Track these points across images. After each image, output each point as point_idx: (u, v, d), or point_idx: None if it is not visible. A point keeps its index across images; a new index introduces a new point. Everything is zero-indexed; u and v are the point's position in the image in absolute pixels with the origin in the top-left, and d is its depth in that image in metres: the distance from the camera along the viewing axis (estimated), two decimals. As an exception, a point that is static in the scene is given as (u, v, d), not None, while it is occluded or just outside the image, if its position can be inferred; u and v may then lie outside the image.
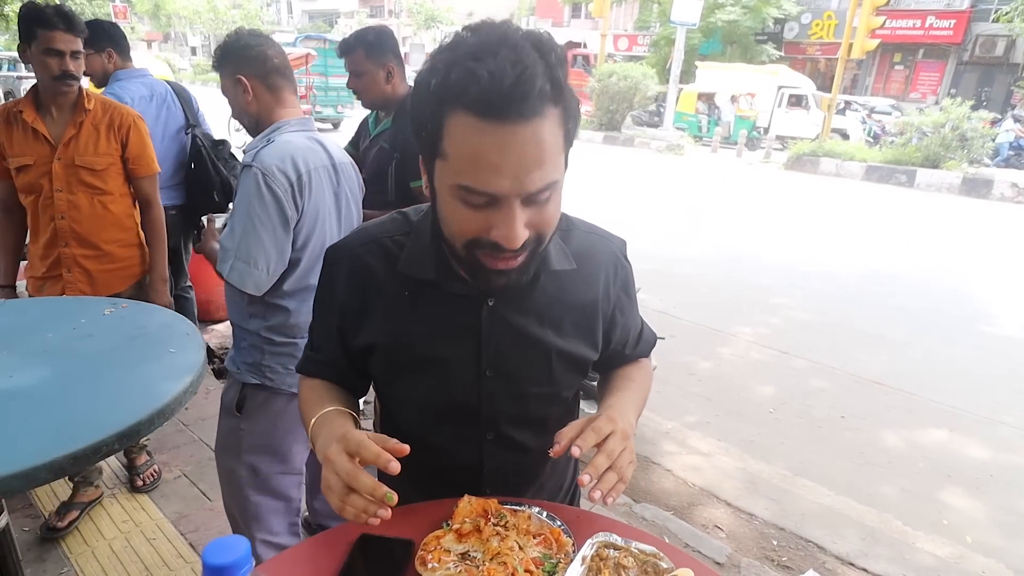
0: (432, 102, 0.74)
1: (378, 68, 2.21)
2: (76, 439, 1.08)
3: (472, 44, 0.72)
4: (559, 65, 0.73)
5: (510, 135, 0.71)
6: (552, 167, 0.75)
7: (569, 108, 0.76)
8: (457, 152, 0.74)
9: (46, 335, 1.49)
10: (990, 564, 2.52)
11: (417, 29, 34.83)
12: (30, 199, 2.09)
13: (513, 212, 0.75)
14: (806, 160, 13.74)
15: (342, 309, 0.98)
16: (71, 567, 2.08)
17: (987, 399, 3.93)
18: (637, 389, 1.07)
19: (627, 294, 1.07)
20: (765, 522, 2.67)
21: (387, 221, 0.99)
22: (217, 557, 0.53)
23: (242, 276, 1.50)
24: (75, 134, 2.06)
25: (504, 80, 0.69)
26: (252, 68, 1.60)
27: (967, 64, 22.26)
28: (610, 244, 1.04)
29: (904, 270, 6.73)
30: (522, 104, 0.70)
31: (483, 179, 0.73)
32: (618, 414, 0.89)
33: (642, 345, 1.14)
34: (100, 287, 2.20)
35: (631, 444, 0.85)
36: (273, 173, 1.49)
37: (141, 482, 2.49)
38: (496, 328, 0.94)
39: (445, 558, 0.83)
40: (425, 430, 1.01)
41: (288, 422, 1.72)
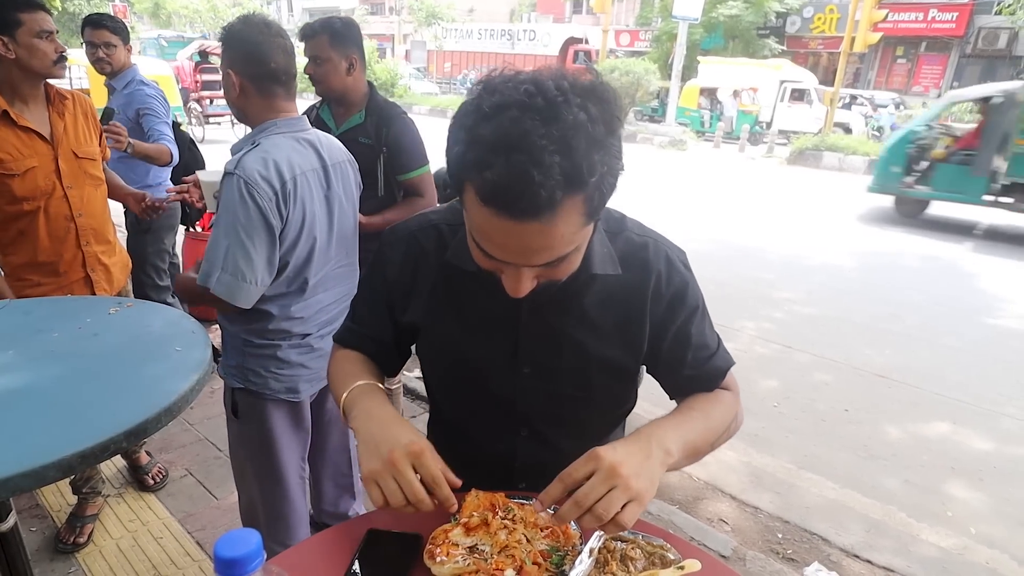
0: (455, 165, 0.74)
1: (341, 57, 2.15)
2: (84, 437, 1.08)
3: (492, 132, 0.68)
4: (594, 148, 0.69)
5: (513, 228, 0.71)
6: (563, 247, 0.75)
7: (596, 189, 0.71)
8: (471, 215, 0.76)
9: (52, 334, 1.50)
10: (994, 555, 2.52)
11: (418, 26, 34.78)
12: (35, 204, 1.90)
13: (519, 275, 0.78)
14: (808, 154, 13.70)
15: (393, 286, 1.01)
16: (79, 566, 2.10)
17: (990, 391, 3.92)
18: (696, 418, 0.95)
19: (682, 304, 0.98)
20: (770, 515, 2.67)
21: (448, 208, 1.02)
22: (229, 550, 0.53)
23: (230, 289, 1.45)
24: (64, 126, 1.95)
25: (509, 190, 0.67)
26: (245, 67, 1.51)
27: (969, 57, 22.15)
28: (665, 250, 0.98)
29: (908, 263, 6.71)
30: (525, 212, 0.69)
31: (490, 248, 0.76)
32: (616, 449, 0.80)
33: (708, 368, 1.01)
34: (115, 283, 2.17)
35: (624, 481, 0.76)
36: (256, 181, 1.42)
37: (151, 480, 2.50)
38: (534, 326, 0.95)
39: (453, 551, 0.83)
40: (462, 419, 1.05)
41: (279, 425, 1.70)
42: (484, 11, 36.28)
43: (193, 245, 3.94)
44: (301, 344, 1.67)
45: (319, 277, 1.65)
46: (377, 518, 0.95)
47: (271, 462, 1.72)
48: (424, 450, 0.82)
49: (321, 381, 1.78)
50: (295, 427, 1.76)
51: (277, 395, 1.66)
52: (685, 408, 0.98)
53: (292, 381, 1.67)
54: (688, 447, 0.88)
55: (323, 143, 1.64)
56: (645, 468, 0.79)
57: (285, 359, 1.63)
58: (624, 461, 0.77)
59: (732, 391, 1.04)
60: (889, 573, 2.40)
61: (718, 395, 1.02)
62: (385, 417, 0.88)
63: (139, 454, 2.52)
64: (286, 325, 1.60)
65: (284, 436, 1.72)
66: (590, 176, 0.69)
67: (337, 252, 1.70)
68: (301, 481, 1.82)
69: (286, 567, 0.84)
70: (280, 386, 1.65)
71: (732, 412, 1.01)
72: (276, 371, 1.64)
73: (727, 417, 1.00)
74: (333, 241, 1.66)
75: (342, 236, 1.71)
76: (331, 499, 2.05)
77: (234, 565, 0.53)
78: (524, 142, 0.66)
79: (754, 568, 2.33)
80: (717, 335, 1.05)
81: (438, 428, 1.16)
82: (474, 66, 30.76)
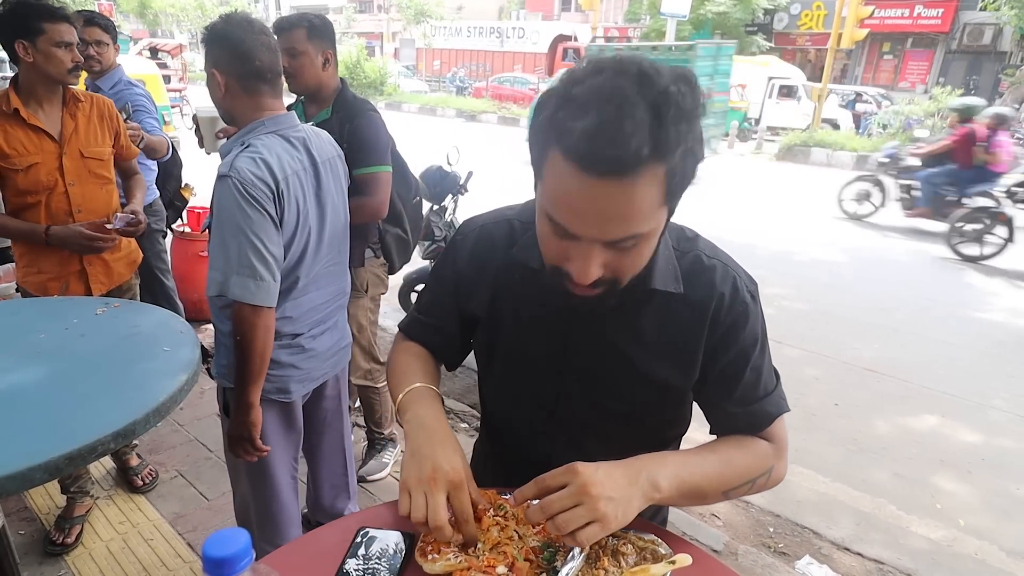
0: (541, 131, 0.75)
1: (317, 51, 2.12)
2: (71, 439, 1.07)
3: (587, 89, 0.70)
4: (679, 121, 0.69)
5: (597, 188, 0.70)
6: (640, 222, 0.74)
7: (678, 166, 0.72)
8: (550, 185, 0.75)
9: (39, 336, 1.49)
10: (983, 546, 2.55)
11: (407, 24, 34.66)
12: (38, 198, 2.00)
13: (590, 253, 0.76)
14: (797, 150, 13.77)
15: (461, 275, 1.02)
16: (68, 569, 2.08)
17: (978, 384, 3.97)
18: (712, 460, 0.91)
19: (740, 335, 0.92)
20: (761, 509, 2.69)
21: (523, 205, 1.03)
22: (217, 549, 0.53)
23: (247, 289, 1.41)
24: (75, 127, 2.06)
25: (597, 139, 0.68)
26: (229, 66, 1.48)
27: (955, 53, 22.34)
28: (733, 276, 0.93)
29: (896, 258, 6.77)
30: (615, 164, 0.68)
31: (565, 217, 0.75)
32: (598, 468, 0.79)
33: (755, 410, 0.95)
34: (115, 277, 2.24)
35: (594, 502, 0.76)
36: (252, 182, 1.41)
37: (140, 482, 2.49)
38: (586, 332, 0.94)
39: (445, 549, 0.83)
40: (506, 417, 1.05)
41: (270, 426, 1.68)
42: (473, 9, 36.19)
43: (182, 245, 3.92)
44: (292, 344, 1.65)
45: (311, 276, 1.63)
46: (369, 516, 0.95)
47: (262, 462, 1.70)
48: (463, 483, 0.82)
49: (313, 382, 1.77)
50: (286, 428, 1.75)
51: (268, 395, 1.64)
52: (706, 448, 0.94)
53: (282, 382, 1.66)
54: (686, 487, 0.86)
55: (313, 140, 1.62)
56: (622, 494, 0.79)
57: (276, 359, 1.61)
58: (599, 482, 0.77)
59: (775, 444, 0.97)
60: (879, 565, 2.42)
61: (752, 443, 0.96)
62: (435, 430, 0.88)
63: (129, 456, 2.51)
64: (276, 325, 1.58)
65: (275, 436, 1.71)
66: (676, 146, 0.70)
67: (328, 250, 1.68)
68: (293, 481, 1.81)
69: (278, 566, 0.83)
70: (271, 386, 1.64)
71: (763, 465, 0.94)
72: (267, 371, 1.62)
73: (754, 469, 0.93)
74: (325, 239, 1.65)
75: (333, 234, 1.69)
76: (327, 499, 2.04)
77: (222, 564, 0.53)
78: (617, 96, 0.68)
79: (746, 562, 2.34)
80: (776, 378, 0.99)
81: (485, 426, 1.17)
82: (463, 64, 30.70)
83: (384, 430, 2.72)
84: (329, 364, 1.81)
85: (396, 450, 2.76)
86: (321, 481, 2.02)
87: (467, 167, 3.52)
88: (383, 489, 2.62)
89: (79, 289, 2.13)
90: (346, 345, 1.90)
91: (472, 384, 3.56)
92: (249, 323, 1.45)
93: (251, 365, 1.48)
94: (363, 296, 2.43)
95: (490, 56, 30.39)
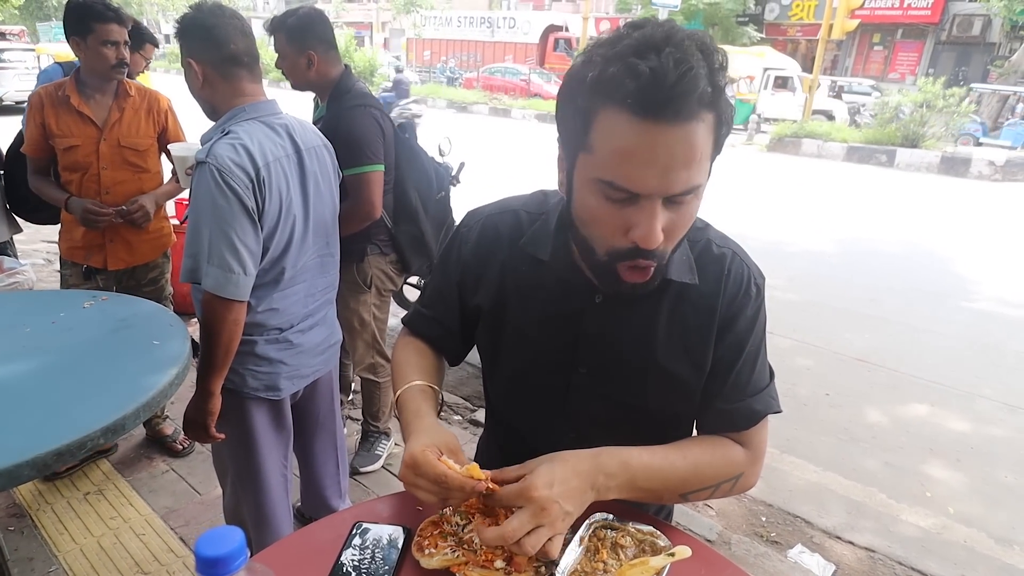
0: (585, 94, 0.72)
1: (298, 54, 2.12)
2: (59, 435, 1.06)
3: (635, 39, 0.69)
4: (721, 70, 0.71)
5: (663, 135, 0.69)
6: (698, 171, 0.73)
7: (724, 115, 0.73)
8: (604, 147, 0.73)
9: (24, 329, 1.46)
10: (972, 533, 2.58)
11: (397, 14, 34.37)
12: (75, 176, 2.26)
13: (654, 211, 0.73)
14: (788, 141, 13.82)
15: (466, 267, 1.00)
16: (59, 565, 2.06)
17: (967, 373, 4.00)
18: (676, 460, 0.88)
19: (739, 320, 0.91)
20: (753, 499, 2.70)
21: (529, 196, 1.01)
22: (210, 549, 0.52)
23: (218, 282, 1.38)
24: (119, 117, 2.28)
25: (667, 78, 0.67)
26: (205, 54, 1.46)
27: (945, 44, 22.43)
28: (742, 267, 0.92)
29: (886, 248, 6.81)
30: (681, 105, 0.68)
31: (628, 175, 0.72)
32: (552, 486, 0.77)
33: (741, 407, 0.92)
34: (138, 256, 2.46)
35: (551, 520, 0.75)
36: (230, 169, 1.37)
37: (180, 447, 2.67)
38: (597, 325, 0.92)
39: (442, 544, 0.82)
40: (513, 411, 1.03)
41: (259, 424, 1.66)
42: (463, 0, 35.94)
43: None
44: (279, 340, 1.61)
45: (297, 267, 1.60)
46: (364, 511, 0.94)
47: (251, 461, 1.68)
48: (415, 456, 0.79)
49: (303, 379, 1.73)
50: (276, 426, 1.71)
51: (256, 393, 1.61)
52: (674, 447, 0.91)
53: (271, 379, 1.63)
54: (637, 491, 0.86)
55: (296, 128, 1.58)
56: (578, 503, 0.79)
57: (263, 355, 1.59)
58: (556, 500, 0.76)
59: (752, 450, 0.93)
60: (871, 553, 2.44)
61: (724, 448, 0.92)
62: (412, 431, 0.88)
63: (162, 425, 2.69)
64: (262, 318, 1.55)
65: (264, 435, 1.68)
66: (722, 93, 0.71)
67: (315, 241, 1.64)
68: (283, 479, 1.77)
69: (272, 562, 0.82)
70: (258, 384, 1.61)
71: (731, 472, 0.91)
72: (254, 368, 1.59)
73: (720, 475, 0.91)
74: (311, 229, 1.61)
75: (320, 224, 1.65)
76: (320, 498, 2.02)
77: (216, 564, 0.51)
78: (673, 39, 0.68)
79: (739, 551, 2.36)
80: (769, 377, 0.96)
81: (490, 420, 1.15)
82: (453, 54, 30.50)
83: (380, 423, 2.71)
84: (320, 361, 1.77)
85: (390, 443, 2.75)
86: (313, 481, 2.00)
87: (459, 158, 3.49)
88: (376, 482, 2.61)
89: (98, 262, 2.38)
90: (336, 342, 1.86)
91: (466, 376, 3.55)
92: (218, 315, 1.42)
93: (215, 356, 1.46)
94: (367, 292, 2.40)
95: (480, 46, 30.22)
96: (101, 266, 2.38)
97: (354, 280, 2.36)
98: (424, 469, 0.78)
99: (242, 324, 1.47)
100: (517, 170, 9.34)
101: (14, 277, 2.78)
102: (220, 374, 1.49)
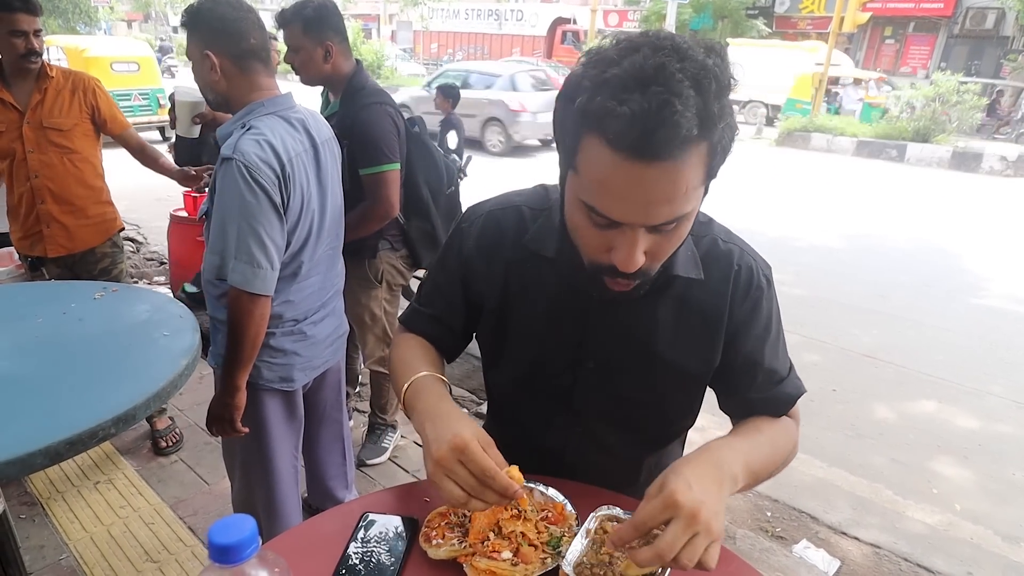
0: (573, 118, 0.71)
1: (315, 45, 2.06)
2: (71, 424, 1.07)
3: (625, 70, 0.66)
4: (719, 96, 0.67)
5: (642, 172, 0.67)
6: (683, 203, 0.71)
7: (719, 142, 0.70)
8: (588, 173, 0.72)
9: (36, 320, 1.48)
10: (978, 531, 2.57)
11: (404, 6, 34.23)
12: (5, 163, 2.27)
13: (635, 239, 0.73)
14: (797, 136, 13.70)
15: (469, 262, 0.98)
16: (70, 553, 2.09)
17: (975, 370, 3.98)
18: (763, 443, 0.91)
19: (756, 322, 0.93)
20: (759, 494, 2.70)
21: (531, 191, 1.00)
22: (224, 536, 0.52)
23: (245, 277, 1.40)
24: (40, 99, 2.25)
25: (647, 123, 0.64)
26: (224, 46, 1.45)
27: (957, 37, 22.17)
28: (749, 261, 0.93)
29: (894, 244, 6.76)
30: (660, 149, 0.66)
31: (608, 206, 0.72)
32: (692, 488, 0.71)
33: (776, 393, 0.97)
34: (78, 242, 2.42)
35: (705, 526, 0.69)
36: (258, 166, 1.38)
37: (165, 443, 2.62)
38: (604, 321, 0.92)
39: (449, 535, 0.83)
40: (517, 406, 1.02)
41: (273, 416, 1.67)
42: (470, -10, 35.76)
43: (179, 229, 3.89)
44: (294, 331, 1.63)
45: (313, 261, 1.61)
46: (372, 502, 0.94)
47: (263, 453, 1.69)
48: (468, 443, 0.75)
49: (314, 370, 1.75)
50: (288, 417, 1.73)
51: (271, 385, 1.62)
52: (753, 431, 0.93)
53: (286, 370, 1.64)
54: (751, 476, 0.85)
55: (311, 121, 1.59)
56: (720, 504, 0.75)
57: (279, 347, 1.60)
58: (703, 503, 0.70)
59: (794, 419, 1.00)
60: (876, 549, 2.44)
61: (782, 422, 0.97)
62: (439, 413, 0.82)
63: (158, 418, 2.66)
64: (279, 310, 1.57)
65: (277, 427, 1.69)
66: (718, 121, 0.68)
67: (328, 235, 1.66)
68: (293, 470, 1.79)
69: (281, 551, 0.83)
70: (273, 375, 1.62)
71: (792, 442, 0.98)
72: (269, 360, 1.60)
73: (788, 447, 0.96)
74: (326, 223, 1.63)
75: (333, 218, 1.67)
76: (325, 488, 2.04)
77: (229, 552, 0.52)
78: (661, 75, 0.64)
79: (744, 546, 2.36)
80: (789, 360, 1.00)
81: (492, 415, 1.14)
82: (460, 46, 30.37)
83: (387, 415, 2.72)
84: (329, 352, 1.79)
85: (396, 435, 2.77)
86: (318, 471, 2.01)
87: (465, 152, 3.49)
88: (382, 473, 2.63)
89: (40, 250, 2.38)
90: (344, 333, 1.87)
91: (472, 369, 3.56)
92: (245, 310, 1.43)
93: (242, 351, 1.47)
94: (377, 287, 2.40)
95: (488, 39, 30.08)
96: (43, 254, 2.38)
97: (365, 276, 2.36)
98: (472, 457, 0.74)
99: (267, 318, 1.48)
100: (521, 163, 9.32)
101: (24, 268, 2.81)
102: (246, 369, 1.51)
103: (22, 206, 2.33)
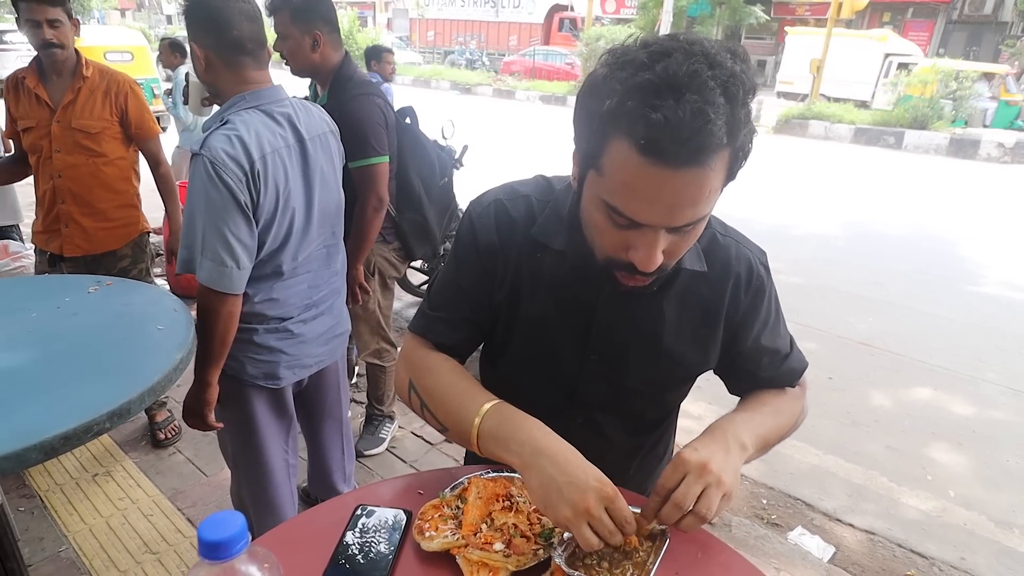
0: (600, 119, 0.71)
1: (303, 34, 2.01)
2: (66, 419, 1.07)
3: (658, 75, 0.66)
4: (744, 102, 0.69)
5: (670, 178, 0.68)
6: (705, 205, 0.73)
7: (741, 148, 0.72)
8: (613, 175, 0.72)
9: (30, 314, 1.47)
10: (972, 516, 2.59)
11: (399, -6, 33.94)
12: (34, 159, 2.27)
13: (655, 240, 0.74)
14: (795, 123, 13.67)
15: (490, 250, 0.96)
16: (69, 545, 2.10)
17: (970, 357, 4.00)
18: (767, 413, 0.96)
19: (758, 312, 0.97)
20: (755, 482, 2.72)
21: (533, 182, 0.99)
22: (213, 533, 0.53)
23: (211, 275, 1.38)
24: (73, 99, 2.21)
25: (682, 131, 0.65)
26: (208, 38, 1.42)
27: (956, 23, 22.06)
28: (747, 253, 0.96)
29: (891, 232, 6.77)
30: (692, 156, 0.67)
31: (632, 207, 0.73)
32: (698, 450, 0.80)
33: (783, 371, 1.03)
34: (96, 244, 2.38)
35: (715, 477, 0.77)
36: (223, 162, 1.34)
37: (163, 436, 2.63)
38: (611, 313, 0.93)
39: (442, 527, 0.83)
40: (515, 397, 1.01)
41: (259, 412, 1.66)
42: (467, -22, 35.40)
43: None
44: (279, 329, 1.60)
45: (299, 260, 1.57)
46: (367, 494, 0.95)
47: (251, 447, 1.69)
48: (616, 495, 0.76)
49: (305, 368, 1.71)
50: (276, 414, 1.71)
51: (255, 381, 1.61)
52: (756, 403, 0.99)
53: (270, 367, 1.62)
54: (760, 441, 0.90)
55: (301, 116, 1.55)
56: (728, 463, 0.81)
57: (262, 344, 1.58)
58: (710, 458, 0.79)
59: (801, 386, 1.06)
60: (871, 536, 2.46)
61: (786, 391, 1.03)
62: (557, 452, 0.79)
63: (158, 410, 2.67)
64: (260, 308, 1.54)
65: (265, 422, 1.67)
66: (743, 127, 0.69)
67: (320, 231, 1.62)
68: (285, 465, 1.77)
69: (275, 544, 0.84)
70: (257, 371, 1.60)
71: (799, 406, 1.03)
72: (253, 356, 1.58)
73: (795, 412, 1.02)
74: (314, 221, 1.58)
75: (324, 214, 1.62)
76: (326, 481, 2.03)
77: (218, 548, 0.53)
78: (695, 82, 0.65)
79: (739, 533, 2.38)
80: (790, 335, 1.05)
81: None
82: (457, 34, 30.15)
83: (384, 406, 2.73)
84: (325, 351, 1.75)
85: (393, 426, 2.78)
86: (320, 466, 2.01)
87: (462, 141, 3.47)
88: (380, 464, 2.64)
89: (56, 247, 2.34)
90: (344, 331, 1.83)
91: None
92: (212, 308, 1.42)
93: (211, 348, 1.46)
94: (371, 280, 2.39)
95: (485, 26, 29.87)
96: (59, 252, 2.34)
97: None
98: (620, 507, 0.75)
99: (237, 316, 1.47)
100: (521, 153, 9.29)
101: (20, 261, 2.81)
102: (216, 365, 1.50)
103: (45, 202, 2.31)
